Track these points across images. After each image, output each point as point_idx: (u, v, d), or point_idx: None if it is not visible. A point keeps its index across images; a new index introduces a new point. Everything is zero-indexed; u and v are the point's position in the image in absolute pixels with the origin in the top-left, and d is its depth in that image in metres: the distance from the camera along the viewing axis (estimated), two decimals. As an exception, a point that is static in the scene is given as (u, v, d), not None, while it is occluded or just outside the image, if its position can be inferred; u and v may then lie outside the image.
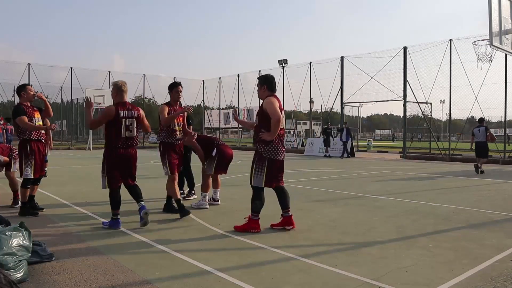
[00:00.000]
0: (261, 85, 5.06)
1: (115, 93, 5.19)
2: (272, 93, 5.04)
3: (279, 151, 4.95)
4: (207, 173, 6.61)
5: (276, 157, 4.94)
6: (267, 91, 5.03)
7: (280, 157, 4.99)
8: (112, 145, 5.07)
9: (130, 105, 5.21)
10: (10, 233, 3.43)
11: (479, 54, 16.15)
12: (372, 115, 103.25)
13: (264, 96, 5.01)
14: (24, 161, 5.78)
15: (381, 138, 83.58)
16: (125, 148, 5.11)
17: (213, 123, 34.29)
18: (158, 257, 3.97)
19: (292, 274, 3.51)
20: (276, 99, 4.92)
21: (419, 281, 3.37)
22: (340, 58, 24.24)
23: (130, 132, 5.12)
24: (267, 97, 4.95)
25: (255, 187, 4.98)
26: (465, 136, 37.79)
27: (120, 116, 5.04)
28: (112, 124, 5.03)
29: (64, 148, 28.58)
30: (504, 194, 8.40)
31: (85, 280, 3.33)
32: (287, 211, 5.10)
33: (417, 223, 5.55)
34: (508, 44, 7.17)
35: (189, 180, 7.46)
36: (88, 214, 5.96)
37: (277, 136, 4.90)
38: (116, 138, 5.04)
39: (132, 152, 5.22)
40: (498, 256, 4.04)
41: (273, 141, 4.89)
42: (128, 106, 5.18)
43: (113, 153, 5.06)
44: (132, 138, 5.16)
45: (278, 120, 4.74)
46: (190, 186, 7.46)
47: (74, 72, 29.23)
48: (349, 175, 12.04)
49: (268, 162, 4.90)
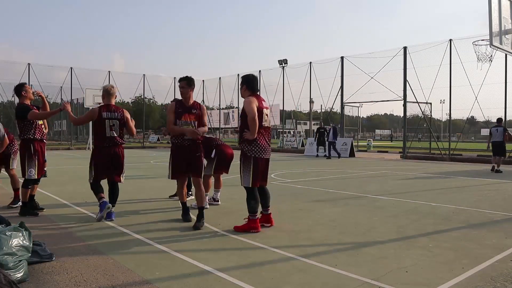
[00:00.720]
0: (242, 85, 5.17)
1: (103, 96, 5.65)
2: (253, 93, 5.10)
3: (263, 150, 5.00)
4: (206, 174, 6.60)
5: (261, 155, 4.98)
6: (247, 91, 5.10)
7: (265, 156, 5.03)
8: (98, 143, 5.53)
9: (114, 107, 5.60)
10: (10, 233, 3.43)
11: (479, 54, 16.15)
12: (372, 115, 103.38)
13: (245, 96, 5.09)
14: (27, 162, 5.73)
15: (381, 138, 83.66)
16: (110, 146, 5.51)
17: (213, 123, 34.30)
18: (158, 257, 3.97)
19: (292, 274, 3.51)
20: (255, 98, 4.98)
21: (419, 281, 3.37)
22: (340, 58, 24.24)
23: (114, 132, 5.52)
24: (247, 96, 5.03)
25: (246, 188, 5.04)
26: (465, 136, 37.83)
27: (103, 117, 5.45)
28: (97, 125, 5.47)
29: (64, 148, 28.60)
30: (504, 194, 8.40)
31: (85, 280, 3.33)
32: (267, 209, 5.22)
33: (417, 223, 5.55)
34: (508, 44, 7.17)
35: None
36: (88, 214, 5.96)
37: (260, 135, 4.96)
38: (102, 137, 5.47)
39: (117, 150, 5.59)
40: (498, 256, 4.03)
41: (257, 140, 4.93)
42: (112, 108, 5.57)
43: (100, 151, 5.51)
44: (116, 137, 5.54)
45: (253, 118, 4.80)
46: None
47: (74, 72, 29.28)
48: (349, 175, 12.04)
49: (253, 161, 4.95)
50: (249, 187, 5.00)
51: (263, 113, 5.00)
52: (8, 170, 6.93)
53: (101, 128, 5.45)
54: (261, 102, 5.04)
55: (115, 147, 5.54)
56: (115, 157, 5.54)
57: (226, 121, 32.86)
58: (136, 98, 44.37)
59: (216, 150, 6.55)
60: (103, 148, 5.48)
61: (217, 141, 6.86)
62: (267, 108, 5.16)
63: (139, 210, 6.18)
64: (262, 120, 4.99)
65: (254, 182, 4.98)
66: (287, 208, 6.50)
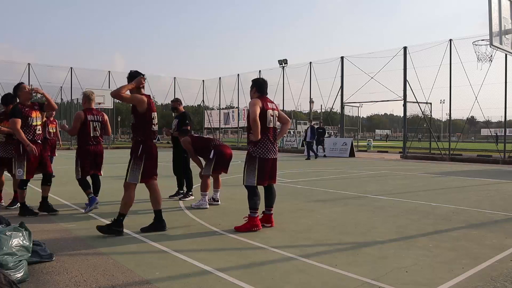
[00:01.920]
0: (252, 87, 5.26)
1: (84, 101, 6.39)
2: (262, 95, 5.17)
3: (269, 150, 5.03)
4: (204, 174, 6.61)
5: (266, 156, 5.01)
6: (256, 93, 5.19)
7: (270, 156, 5.06)
8: (84, 143, 6.20)
9: (96, 111, 6.41)
10: (10, 233, 3.43)
11: (479, 54, 16.17)
12: (372, 115, 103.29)
13: (253, 98, 5.16)
14: (16, 162, 5.72)
15: (381, 138, 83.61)
16: (94, 145, 6.25)
17: (213, 123, 34.29)
18: (158, 257, 3.97)
19: (292, 274, 3.51)
20: (260, 100, 5.04)
21: (419, 281, 3.37)
22: (340, 58, 24.24)
23: (97, 132, 6.29)
24: (253, 99, 5.10)
25: (248, 186, 5.06)
26: (465, 136, 37.80)
27: (88, 119, 6.19)
28: (83, 127, 6.16)
29: (64, 148, 28.57)
30: (504, 194, 8.40)
31: (85, 280, 3.33)
32: (270, 209, 5.23)
33: (417, 223, 5.55)
34: (508, 44, 7.17)
35: (188, 181, 7.45)
36: (88, 214, 5.96)
37: (265, 135, 5.00)
38: (88, 137, 6.19)
39: (99, 148, 6.39)
40: (498, 256, 4.03)
41: (262, 141, 4.98)
42: (94, 112, 6.36)
43: (86, 149, 6.19)
44: (98, 137, 6.32)
45: (254, 119, 4.87)
46: (188, 187, 7.45)
47: (74, 72, 29.27)
48: (349, 175, 12.04)
49: (258, 162, 4.98)
50: (250, 186, 5.02)
51: (268, 114, 5.03)
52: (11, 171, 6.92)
53: (87, 129, 6.17)
54: (267, 104, 5.08)
55: (98, 145, 6.34)
56: (98, 154, 6.34)
57: (226, 121, 32.85)
58: (136, 98, 44.29)
59: (215, 151, 6.56)
60: (89, 147, 6.19)
61: (216, 142, 6.88)
62: (274, 109, 5.18)
63: (139, 210, 6.18)
64: (267, 121, 5.01)
65: (260, 182, 5.02)
66: (287, 208, 6.51)
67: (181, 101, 7.83)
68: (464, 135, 38.86)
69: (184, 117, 7.34)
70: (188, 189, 7.45)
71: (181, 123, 7.25)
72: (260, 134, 4.91)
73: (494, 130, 41.85)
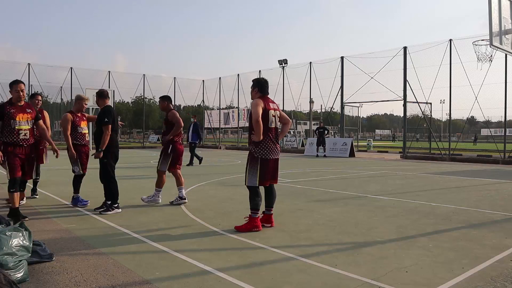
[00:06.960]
0: (254, 87, 5.24)
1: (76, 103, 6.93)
2: (263, 95, 5.15)
3: (270, 151, 5.02)
4: (160, 170, 6.75)
5: (268, 156, 5.01)
6: (258, 93, 5.17)
7: (272, 156, 5.05)
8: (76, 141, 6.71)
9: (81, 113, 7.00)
10: (10, 233, 3.43)
11: (479, 54, 16.18)
12: (372, 115, 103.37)
13: (254, 98, 5.15)
14: None
15: (381, 138, 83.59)
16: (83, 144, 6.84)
17: (213, 123, 34.29)
18: (158, 257, 3.97)
19: (292, 274, 3.51)
20: (262, 100, 5.02)
21: (419, 281, 3.37)
22: (340, 58, 24.22)
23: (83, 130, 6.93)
24: (256, 99, 5.09)
25: (249, 187, 5.06)
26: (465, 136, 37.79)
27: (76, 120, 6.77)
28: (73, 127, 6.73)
29: (63, 148, 28.57)
30: (504, 194, 8.40)
31: (85, 280, 3.33)
32: (270, 209, 5.23)
33: (417, 223, 5.55)
34: (508, 44, 7.17)
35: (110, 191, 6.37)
36: (88, 214, 5.96)
37: (267, 136, 4.99)
38: (79, 136, 6.75)
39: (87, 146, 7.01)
40: (498, 256, 4.03)
41: (264, 141, 4.97)
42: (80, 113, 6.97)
43: (79, 148, 6.70)
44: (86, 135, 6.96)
45: (256, 120, 4.85)
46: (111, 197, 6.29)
47: (74, 72, 29.23)
48: (349, 175, 12.04)
49: (260, 162, 4.97)
50: (252, 186, 5.02)
51: (270, 114, 5.01)
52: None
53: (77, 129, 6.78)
54: (269, 104, 5.07)
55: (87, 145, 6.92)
56: (87, 152, 6.86)
57: (226, 121, 32.85)
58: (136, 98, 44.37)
59: (172, 146, 6.72)
60: (80, 146, 6.74)
61: (175, 138, 6.86)
62: (275, 110, 5.17)
63: (139, 210, 6.18)
64: (269, 122, 5.00)
65: (262, 182, 5.02)
66: (287, 208, 6.51)
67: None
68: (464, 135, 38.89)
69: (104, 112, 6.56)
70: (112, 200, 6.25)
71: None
72: (262, 134, 4.91)
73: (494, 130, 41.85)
